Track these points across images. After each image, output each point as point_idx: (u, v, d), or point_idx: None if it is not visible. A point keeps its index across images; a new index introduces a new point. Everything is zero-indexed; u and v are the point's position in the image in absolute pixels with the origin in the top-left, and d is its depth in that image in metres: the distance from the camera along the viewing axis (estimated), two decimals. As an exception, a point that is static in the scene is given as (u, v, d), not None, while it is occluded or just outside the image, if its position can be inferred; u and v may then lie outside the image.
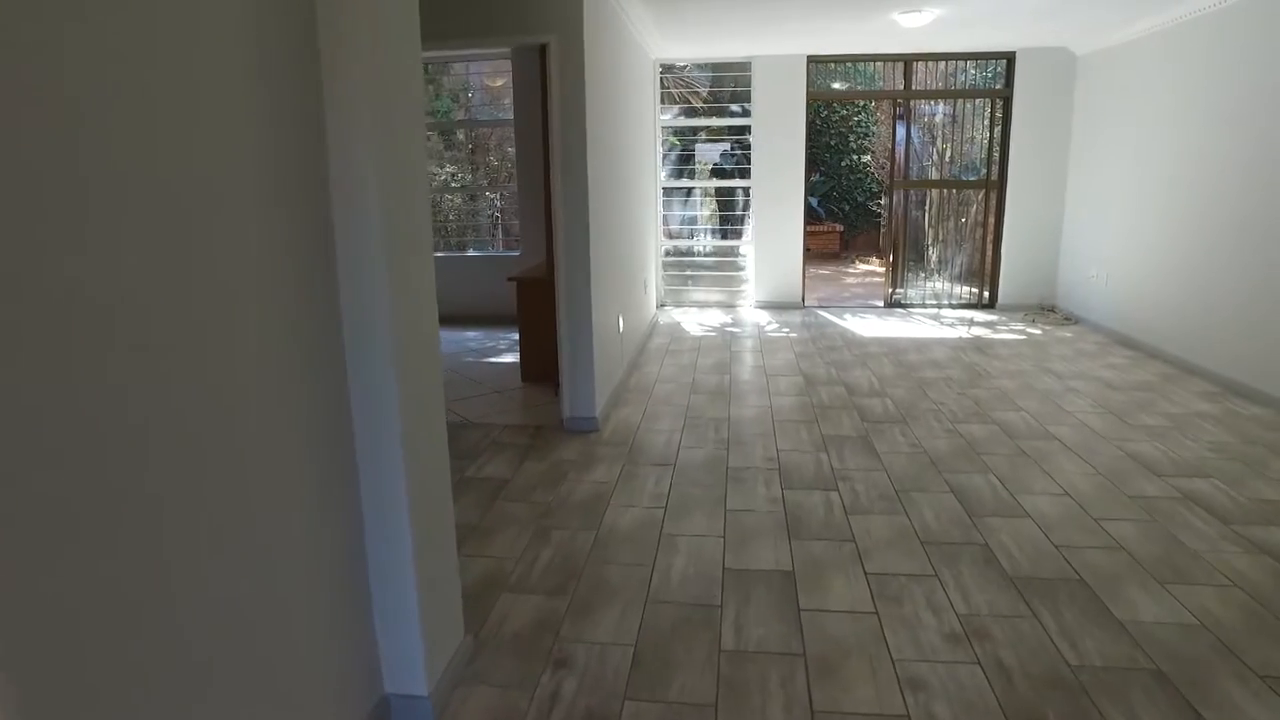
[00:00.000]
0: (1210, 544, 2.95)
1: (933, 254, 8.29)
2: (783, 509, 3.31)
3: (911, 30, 6.13)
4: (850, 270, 11.53)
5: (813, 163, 14.79)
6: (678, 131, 9.87)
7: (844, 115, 13.46)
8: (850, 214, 13.54)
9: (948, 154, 8.16)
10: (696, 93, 9.51)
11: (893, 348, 6.15)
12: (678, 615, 2.56)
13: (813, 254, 13.74)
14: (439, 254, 7.96)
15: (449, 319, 7.62)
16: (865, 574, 2.77)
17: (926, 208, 8.14)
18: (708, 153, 9.28)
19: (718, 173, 8.94)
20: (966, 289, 7.96)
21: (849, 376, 5.32)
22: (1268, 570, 2.75)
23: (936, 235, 8.16)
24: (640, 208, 6.43)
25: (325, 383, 1.77)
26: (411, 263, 1.97)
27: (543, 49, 4.02)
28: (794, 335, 6.65)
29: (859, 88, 11.06)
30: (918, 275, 8.22)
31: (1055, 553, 2.89)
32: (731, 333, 6.81)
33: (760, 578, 2.77)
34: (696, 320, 7.39)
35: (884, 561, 2.86)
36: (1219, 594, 2.61)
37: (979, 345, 6.20)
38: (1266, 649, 2.31)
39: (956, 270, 8.14)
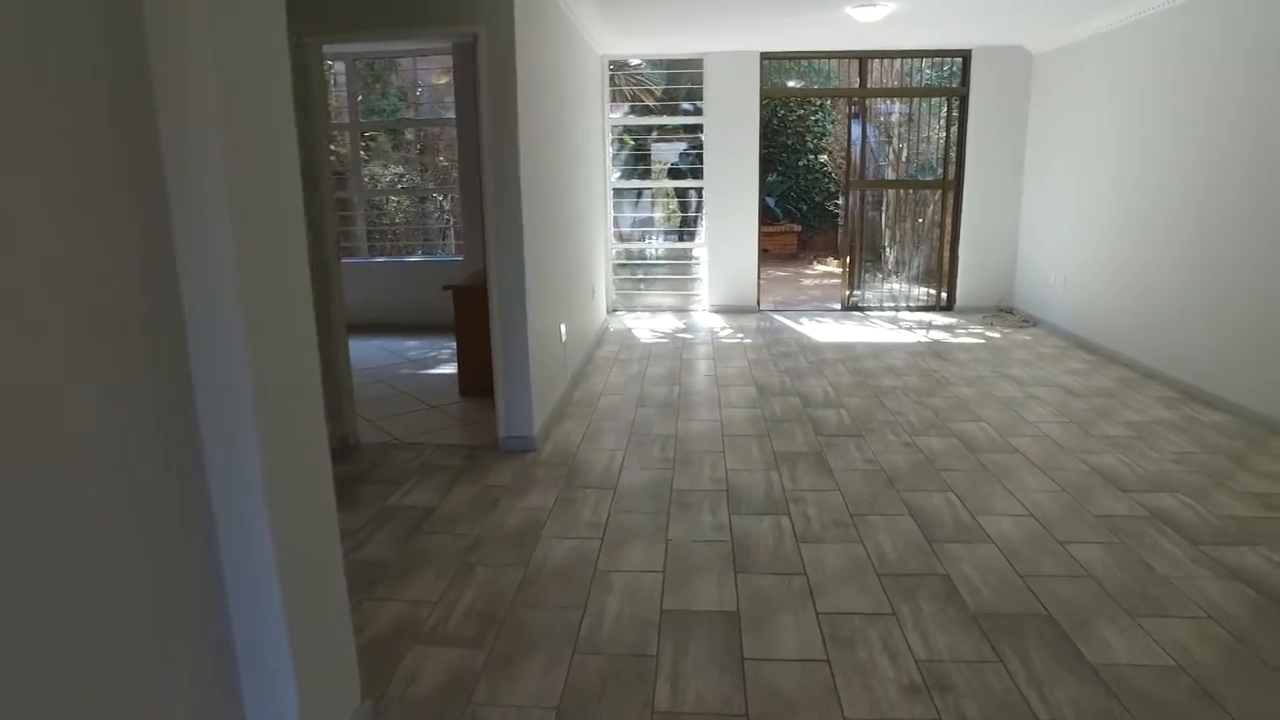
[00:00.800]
0: (1181, 569, 2.76)
1: (890, 255, 8.14)
2: (729, 538, 3.05)
3: (866, 26, 5.94)
4: (808, 271, 11.38)
5: (770, 162, 14.65)
6: (632, 131, 9.60)
7: (801, 114, 13.33)
8: (808, 214, 13.41)
9: (904, 154, 8.01)
10: (650, 91, 9.25)
11: (849, 354, 5.95)
12: (608, 668, 2.28)
13: (770, 255, 13.59)
14: (379, 259, 7.59)
15: (389, 328, 7.32)
16: (816, 614, 2.52)
17: (884, 209, 7.98)
18: (665, 152, 9.02)
19: (675, 173, 8.69)
20: (924, 291, 7.81)
21: (804, 386, 5.10)
22: (1241, 599, 2.56)
23: (894, 236, 8.01)
24: (587, 210, 6.15)
25: (161, 402, 1.45)
26: (277, 266, 1.67)
27: (473, 42, 3.72)
28: (748, 341, 6.41)
29: (816, 86, 10.93)
30: (875, 277, 8.06)
31: (1020, 584, 2.68)
32: (684, 339, 6.56)
33: (701, 621, 2.51)
34: (648, 326, 7.12)
35: (837, 598, 2.61)
36: (1194, 628, 2.41)
37: (937, 350, 6.03)
38: (1247, 694, 2.11)
39: (914, 272, 8.00)
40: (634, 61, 8.73)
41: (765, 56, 7.17)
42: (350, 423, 4.29)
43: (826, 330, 6.82)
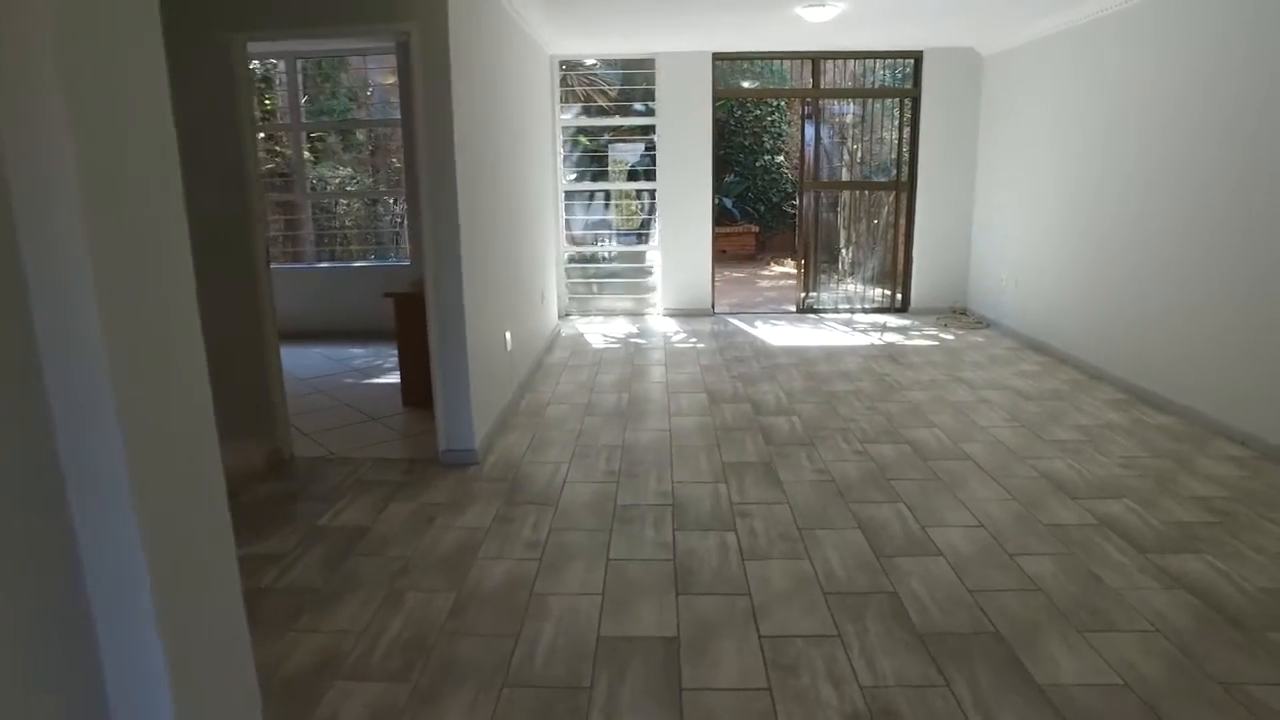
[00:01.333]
0: (1129, 579, 2.71)
1: (846, 257, 8.12)
2: (673, 556, 2.94)
3: (818, 27, 5.89)
4: (765, 273, 11.35)
5: (727, 163, 14.62)
6: (588, 132, 9.46)
7: (758, 115, 13.31)
8: (766, 215, 13.39)
9: (860, 155, 8.00)
10: (604, 91, 9.13)
11: (803, 358, 5.89)
12: (538, 703, 2.15)
13: (728, 256, 13.54)
14: (324, 265, 7.35)
15: (335, 335, 7.08)
16: (759, 637, 2.42)
17: (839, 210, 7.96)
18: (625, 153, 8.90)
19: (633, 174, 8.57)
20: (880, 292, 7.80)
21: (756, 392, 5.01)
22: (1186, 609, 2.52)
23: (849, 238, 7.99)
24: (536, 213, 6.00)
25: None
26: (150, 282, 1.50)
27: (406, 41, 3.56)
28: (702, 346, 6.32)
29: (771, 86, 10.90)
30: (830, 279, 8.04)
31: (969, 600, 2.60)
32: (636, 344, 6.44)
33: (639, 648, 2.39)
34: (601, 331, 6.99)
35: (782, 619, 2.51)
36: (1141, 642, 2.35)
37: (891, 353, 6.00)
38: (1193, 711, 2.05)
39: (869, 273, 7.99)
40: (589, 62, 8.61)
41: (717, 57, 7.09)
42: (284, 437, 4.10)
43: (781, 334, 6.76)
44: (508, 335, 4.70)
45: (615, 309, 7.73)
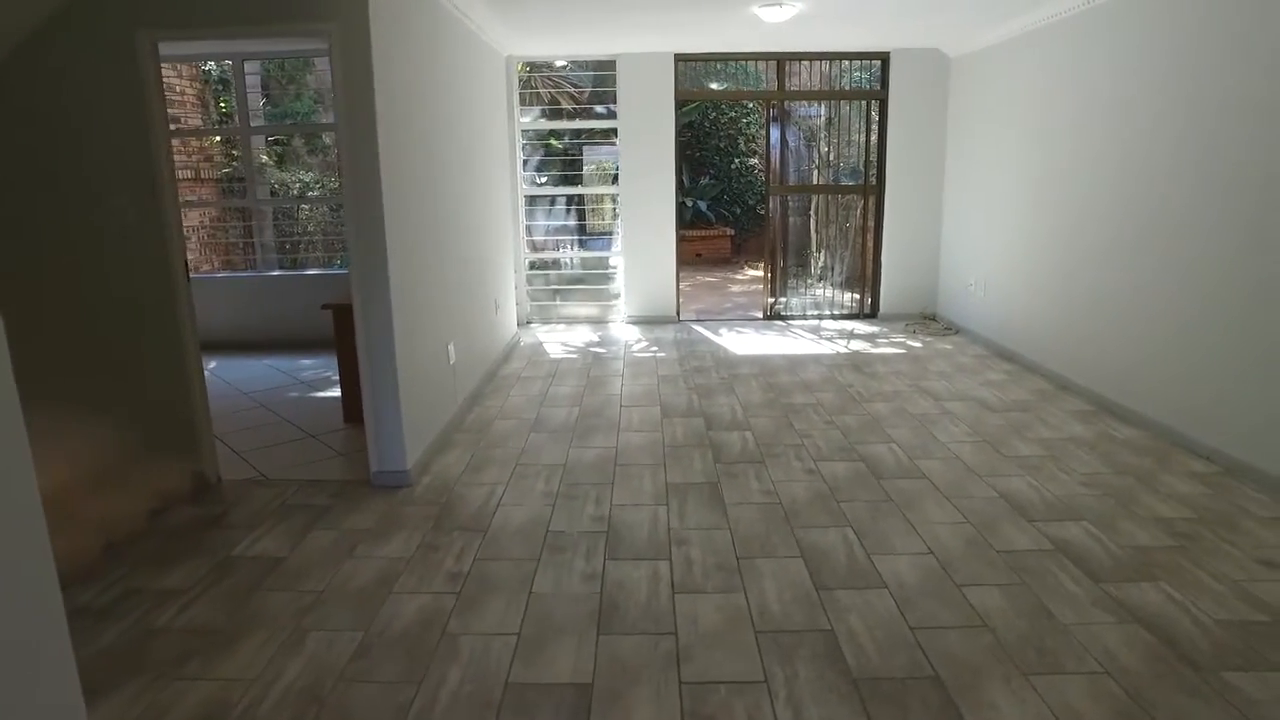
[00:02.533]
0: (1081, 612, 2.55)
1: (814, 262, 7.97)
2: (600, 589, 2.75)
3: (780, 27, 5.73)
4: (738, 277, 11.17)
5: (701, 165, 14.46)
6: (556, 135, 9.26)
7: (733, 117, 13.16)
8: (741, 217, 13.24)
9: (830, 157, 7.85)
10: (569, 94, 8.94)
11: (765, 367, 5.71)
12: (430, 765, 1.96)
13: (703, 259, 13.38)
14: (274, 272, 7.11)
15: (286, 345, 6.84)
16: (680, 684, 2.23)
17: (808, 214, 7.80)
18: (603, 155, 8.69)
19: (608, 177, 8.37)
20: (849, 297, 7.65)
21: (712, 405, 4.83)
22: (1138, 647, 2.36)
23: (818, 242, 7.83)
24: (489, 219, 5.80)
25: None
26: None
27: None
28: (662, 355, 6.14)
29: (745, 88, 10.72)
30: (799, 284, 7.88)
31: (910, 639, 2.43)
32: (596, 354, 6.25)
33: (549, 697, 2.20)
34: (561, 340, 6.80)
35: (706, 663, 2.33)
36: (1088, 686, 2.19)
37: (856, 362, 5.84)
38: (1143, 770, 1.89)
39: (838, 279, 7.84)
40: (560, 63, 8.42)
41: (680, 58, 6.91)
42: (210, 458, 3.88)
43: (745, 342, 6.59)
44: (451, 348, 4.50)
45: (578, 316, 7.54)
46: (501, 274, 6.19)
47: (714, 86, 10.91)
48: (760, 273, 11.28)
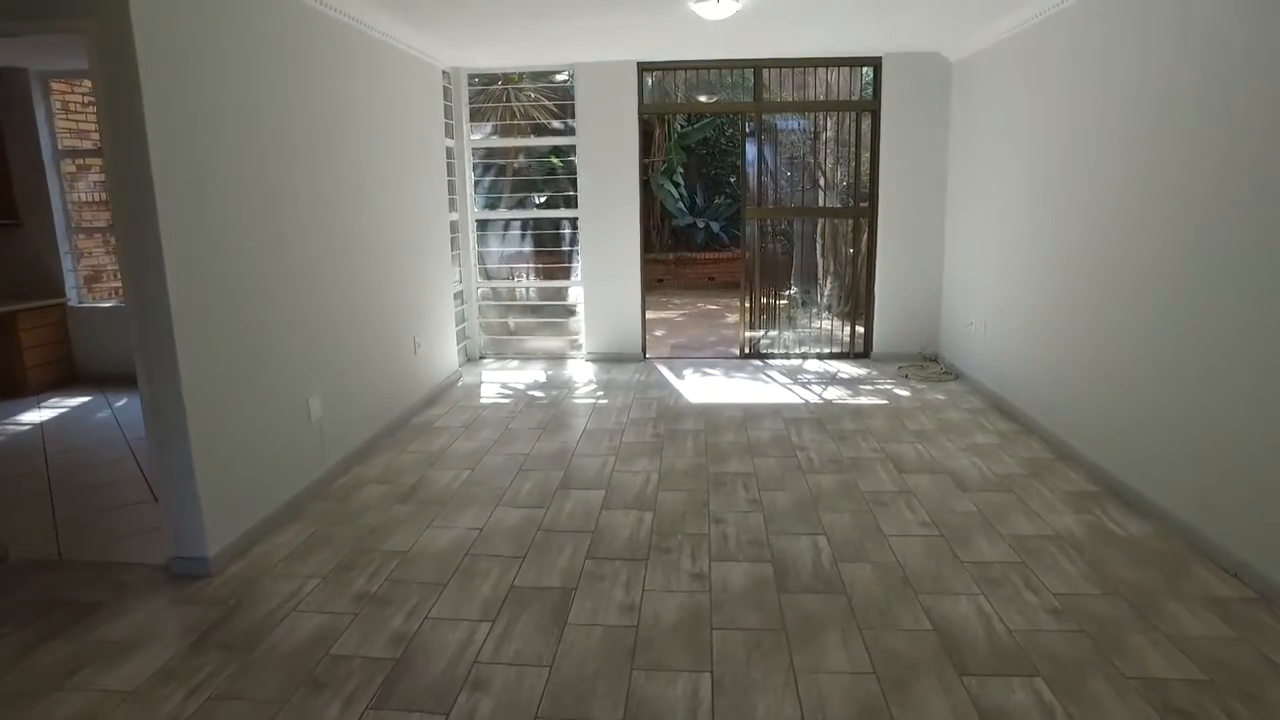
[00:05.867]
0: None
1: (797, 295, 7.11)
2: (324, 771, 2.00)
3: (747, 30, 4.97)
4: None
5: (717, 184, 13.70)
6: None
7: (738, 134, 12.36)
8: (756, 241, 12.37)
9: (815, 176, 6.99)
10: (546, 106, 8.29)
11: (714, 421, 4.88)
12: None
13: (716, 283, 12.58)
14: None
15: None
16: None
17: (790, 240, 6.95)
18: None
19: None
20: (837, 334, 6.75)
21: (626, 472, 4.04)
22: None
23: (803, 272, 6.97)
24: (409, 249, 5.14)
25: None
26: None
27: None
28: (604, 403, 5.36)
29: (726, 101, 9.92)
30: (782, 319, 7.02)
31: None
32: (531, 399, 5.51)
33: None
34: (505, 380, 6.07)
35: None
36: None
37: (824, 415, 4.96)
38: None
39: (825, 313, 6.96)
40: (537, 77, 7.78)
41: (644, 67, 6.18)
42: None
43: (707, 387, 5.76)
44: (312, 403, 3.82)
45: (536, 352, 6.82)
46: (431, 309, 5.52)
47: (701, 99, 10.11)
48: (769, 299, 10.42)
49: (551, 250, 7.06)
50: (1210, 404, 3.00)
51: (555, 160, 8.57)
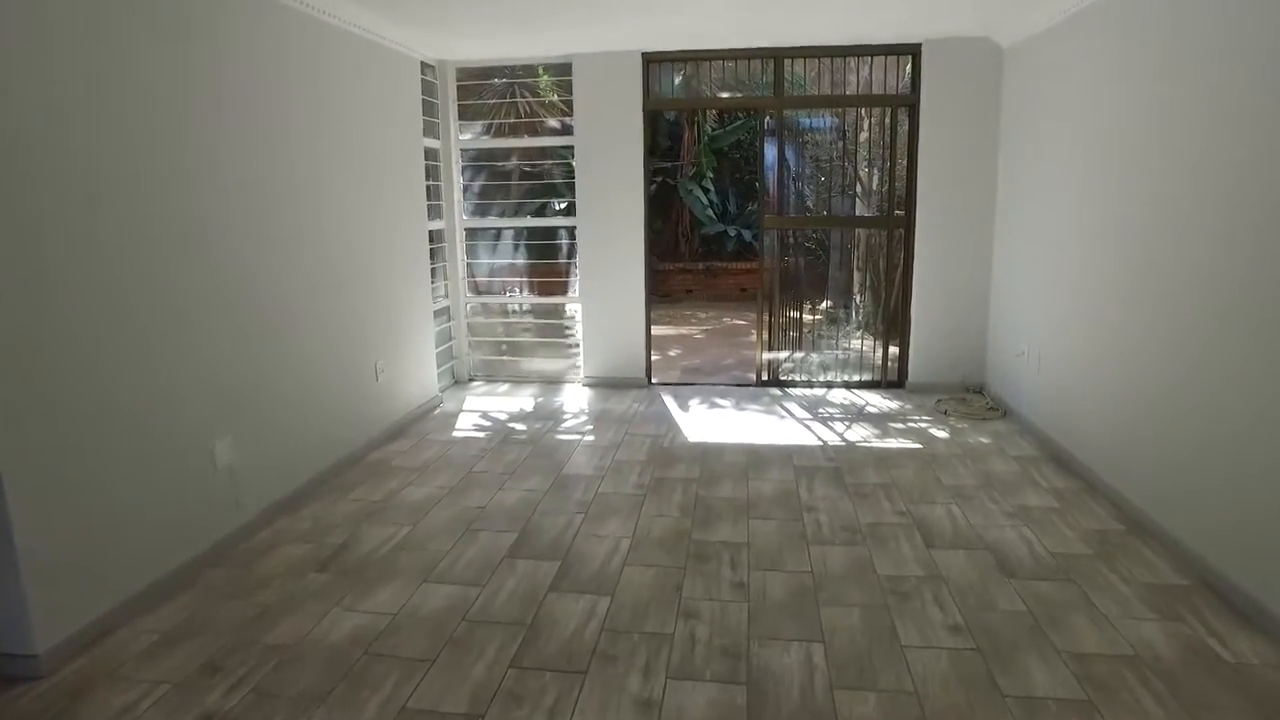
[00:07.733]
0: None
1: (824, 315, 6.35)
2: None
3: (764, 13, 4.25)
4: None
5: (752, 189, 12.92)
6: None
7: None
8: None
9: (845, 181, 6.22)
10: (555, 104, 7.66)
11: (712, 468, 4.16)
12: None
13: (747, 294, 11.79)
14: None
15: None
16: None
17: (817, 253, 6.19)
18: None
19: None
20: (869, 359, 5.96)
21: (589, 538, 3.34)
22: None
23: (829, 289, 6.20)
24: (372, 264, 4.54)
25: None
26: None
27: None
28: (590, 440, 4.67)
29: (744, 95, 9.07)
30: (807, 341, 6.27)
31: None
32: (510, 432, 4.84)
33: None
34: (488, 408, 5.43)
35: None
36: None
37: (844, 463, 4.20)
38: None
39: (856, 336, 6.19)
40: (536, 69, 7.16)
41: (649, 58, 5.51)
42: None
43: (714, 422, 5.03)
44: (220, 446, 3.22)
45: (530, 375, 6.18)
46: (402, 329, 4.91)
47: (723, 95, 9.32)
48: (803, 314, 9.62)
49: (549, 262, 6.43)
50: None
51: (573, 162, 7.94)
